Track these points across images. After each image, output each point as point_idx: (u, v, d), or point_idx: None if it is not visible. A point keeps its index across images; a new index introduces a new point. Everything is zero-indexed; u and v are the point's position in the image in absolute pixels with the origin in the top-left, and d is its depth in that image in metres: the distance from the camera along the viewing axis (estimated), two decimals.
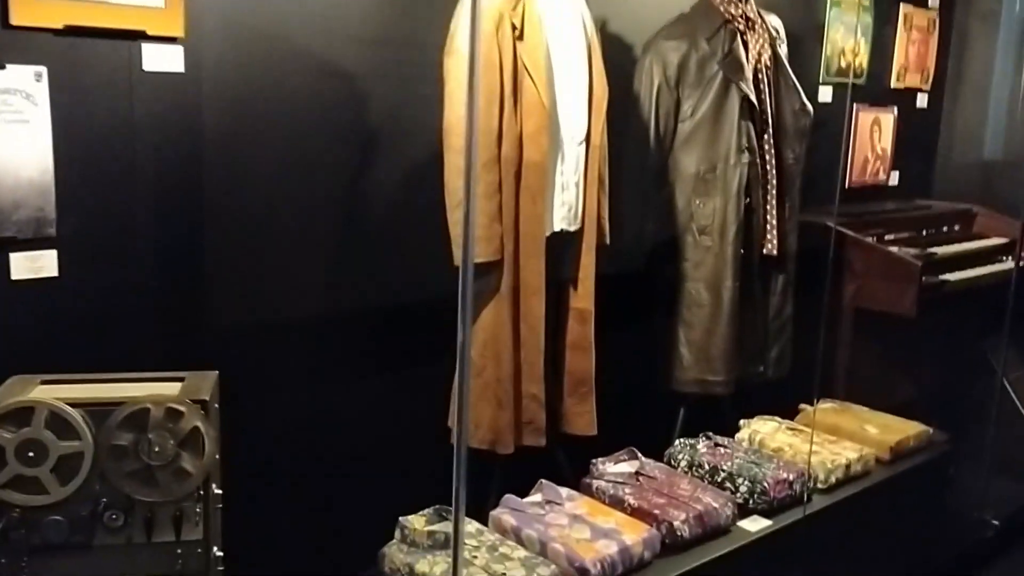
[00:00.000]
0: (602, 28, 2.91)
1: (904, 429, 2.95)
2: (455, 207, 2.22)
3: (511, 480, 2.41)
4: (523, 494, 2.32)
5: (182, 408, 1.62)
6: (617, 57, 2.88)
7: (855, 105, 3.91)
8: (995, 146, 4.28)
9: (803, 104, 2.95)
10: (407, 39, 2.40)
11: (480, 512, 2.26)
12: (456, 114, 2.19)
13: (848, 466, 2.69)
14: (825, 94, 3.75)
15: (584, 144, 2.39)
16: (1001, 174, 4.19)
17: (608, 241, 2.55)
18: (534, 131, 2.25)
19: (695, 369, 2.90)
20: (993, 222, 4.12)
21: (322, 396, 2.40)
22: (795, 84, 2.94)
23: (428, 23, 2.33)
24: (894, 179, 4.22)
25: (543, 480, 2.37)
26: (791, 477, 2.50)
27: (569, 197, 2.39)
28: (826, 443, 2.80)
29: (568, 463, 2.61)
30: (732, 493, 2.48)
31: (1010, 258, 3.92)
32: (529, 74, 2.22)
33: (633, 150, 2.85)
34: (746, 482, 2.48)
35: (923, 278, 3.18)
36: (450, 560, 1.98)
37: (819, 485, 2.63)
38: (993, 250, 3.92)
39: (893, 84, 4.08)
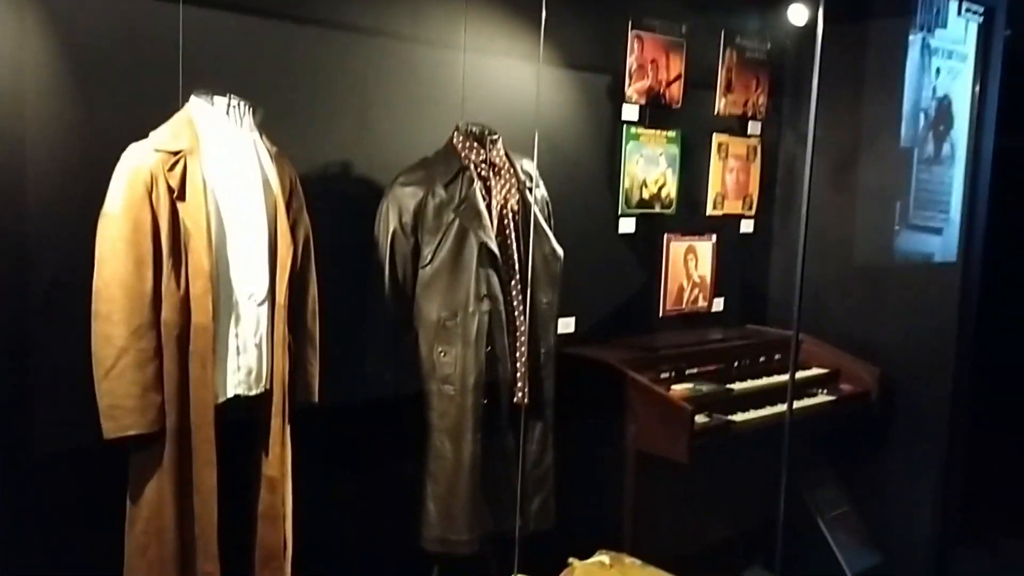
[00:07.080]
0: (344, 171, 2.85)
1: None
2: (103, 377, 2.09)
3: None
4: None
5: None
6: (364, 200, 2.82)
7: (666, 235, 3.86)
8: (823, 272, 4.21)
9: (553, 249, 2.87)
10: None
11: None
12: (103, 279, 2.08)
13: None
14: (628, 225, 3.70)
15: (268, 304, 2.28)
16: (826, 300, 4.12)
17: (316, 399, 2.43)
18: (199, 293, 2.14)
19: (439, 526, 2.74)
20: (819, 350, 4.03)
21: None
22: (544, 229, 2.86)
23: None
24: (718, 305, 4.15)
25: None
26: None
27: (249, 360, 2.26)
28: None
29: None
30: None
31: (825, 391, 3.82)
32: (192, 236, 2.13)
33: (374, 295, 2.76)
34: None
35: (695, 422, 3.04)
36: None
37: None
38: (808, 382, 3.82)
39: (710, 212, 4.04)
